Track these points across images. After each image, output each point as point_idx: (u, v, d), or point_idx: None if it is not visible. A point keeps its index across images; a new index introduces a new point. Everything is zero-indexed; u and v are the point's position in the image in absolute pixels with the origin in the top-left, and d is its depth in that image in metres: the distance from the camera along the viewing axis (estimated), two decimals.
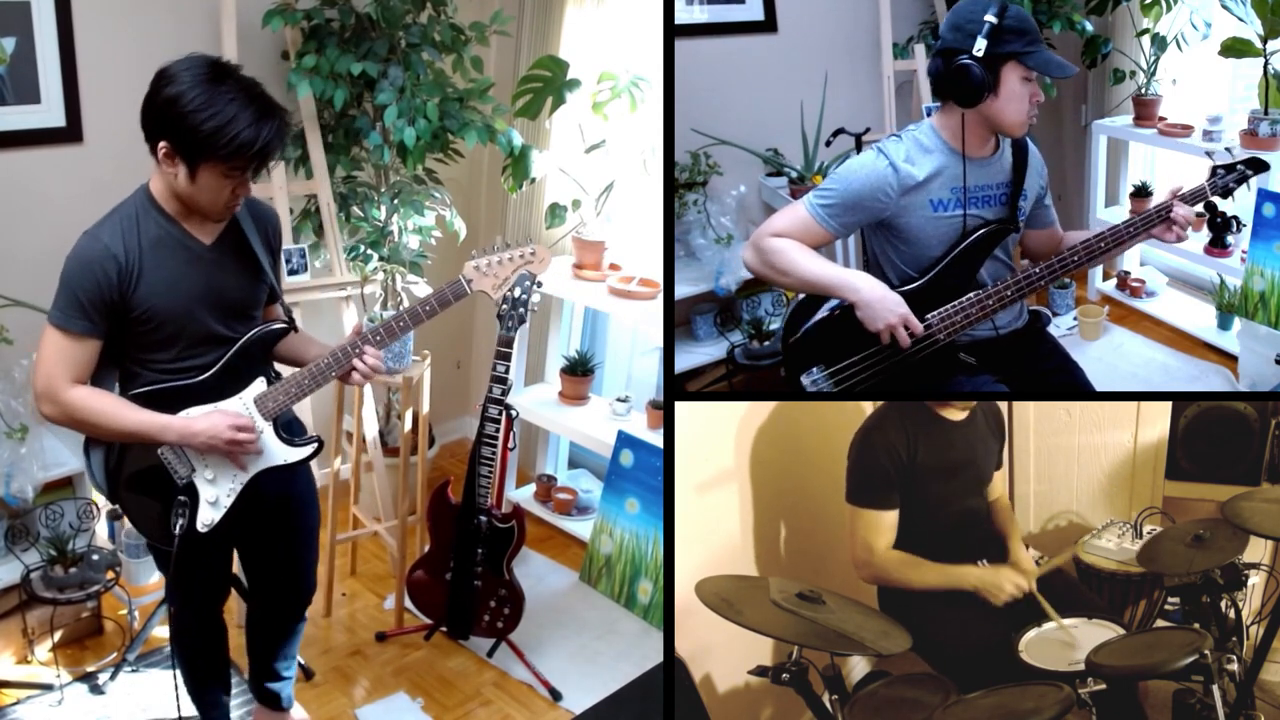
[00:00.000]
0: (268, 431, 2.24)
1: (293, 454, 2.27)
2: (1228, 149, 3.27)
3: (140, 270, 2.07)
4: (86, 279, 2.03)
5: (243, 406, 2.21)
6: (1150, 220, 2.24)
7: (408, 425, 3.30)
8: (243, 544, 2.51)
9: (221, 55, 3.17)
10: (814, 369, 2.32)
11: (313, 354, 2.33)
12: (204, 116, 1.93)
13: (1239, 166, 2.25)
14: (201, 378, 2.19)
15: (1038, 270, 2.25)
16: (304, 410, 3.10)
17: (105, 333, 2.09)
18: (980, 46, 2.11)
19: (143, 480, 2.22)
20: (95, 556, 3.00)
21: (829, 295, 2.28)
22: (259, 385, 2.23)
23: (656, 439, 3.54)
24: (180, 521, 2.18)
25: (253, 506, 2.30)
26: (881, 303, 2.18)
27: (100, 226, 2.09)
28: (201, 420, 2.14)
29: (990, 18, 2.10)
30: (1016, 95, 2.16)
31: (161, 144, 2.00)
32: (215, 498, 2.22)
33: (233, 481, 2.23)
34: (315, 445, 2.31)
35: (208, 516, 2.22)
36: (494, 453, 2.97)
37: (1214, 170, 2.27)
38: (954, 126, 2.22)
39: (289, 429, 2.31)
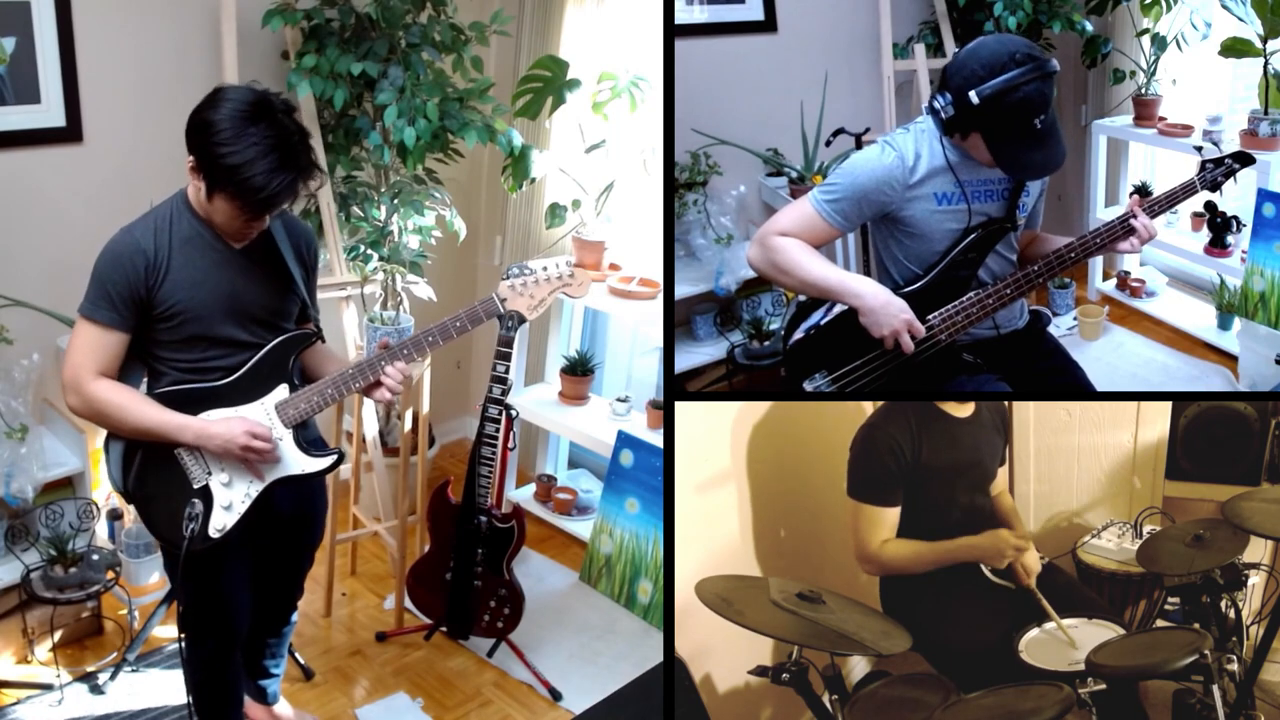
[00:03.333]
0: (286, 439, 2.22)
1: (311, 464, 2.24)
2: (1215, 143, 3.27)
3: (168, 267, 2.09)
4: (115, 272, 2.07)
5: (264, 413, 2.20)
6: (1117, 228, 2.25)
7: (408, 425, 3.30)
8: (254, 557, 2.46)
9: (222, 55, 3.24)
10: (817, 375, 2.31)
11: (329, 369, 2.31)
12: (224, 151, 1.96)
13: (1227, 161, 2.26)
14: (225, 381, 2.18)
15: (1036, 268, 2.26)
16: None
17: (132, 326, 2.11)
18: (948, 112, 2.11)
19: (159, 478, 2.19)
20: (95, 556, 3.00)
21: (830, 299, 2.28)
22: (281, 392, 2.21)
23: (656, 439, 3.54)
24: (192, 526, 2.15)
25: (267, 523, 2.28)
26: (886, 309, 2.17)
27: (135, 223, 2.13)
28: (219, 424, 2.14)
29: (974, 96, 2.05)
30: (983, 152, 2.16)
31: (190, 158, 2.04)
32: (229, 502, 2.19)
33: (248, 487, 2.21)
34: (334, 458, 2.28)
35: (220, 521, 2.19)
36: (494, 453, 2.97)
37: (1203, 165, 2.28)
38: None
39: (311, 443, 2.28)
